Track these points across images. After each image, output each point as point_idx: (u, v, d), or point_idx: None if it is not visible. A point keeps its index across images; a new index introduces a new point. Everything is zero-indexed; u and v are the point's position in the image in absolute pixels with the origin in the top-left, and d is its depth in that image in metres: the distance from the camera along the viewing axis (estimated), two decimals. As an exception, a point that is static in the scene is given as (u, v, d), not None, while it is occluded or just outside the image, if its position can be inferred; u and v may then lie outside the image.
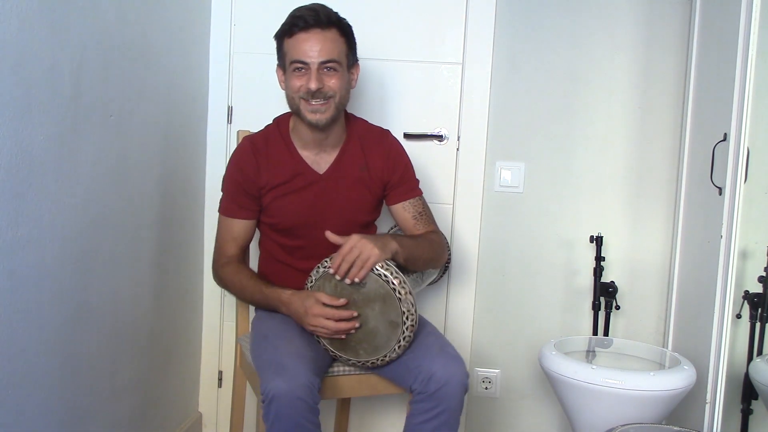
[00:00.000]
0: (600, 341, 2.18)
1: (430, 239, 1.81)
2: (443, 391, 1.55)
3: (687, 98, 2.15)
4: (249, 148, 1.79)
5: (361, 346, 1.63)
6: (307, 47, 1.66)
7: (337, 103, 1.71)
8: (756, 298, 1.90)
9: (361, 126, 1.87)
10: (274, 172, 1.77)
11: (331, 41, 1.68)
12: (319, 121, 1.70)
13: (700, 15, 2.10)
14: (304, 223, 1.79)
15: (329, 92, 1.69)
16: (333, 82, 1.69)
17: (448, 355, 1.61)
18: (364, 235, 1.58)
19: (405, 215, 1.85)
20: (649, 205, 2.27)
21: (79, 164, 1.50)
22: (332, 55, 1.68)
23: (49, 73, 1.37)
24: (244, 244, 1.83)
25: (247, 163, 1.78)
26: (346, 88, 1.74)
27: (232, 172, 1.80)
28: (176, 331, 2.16)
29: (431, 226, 1.87)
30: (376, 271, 1.56)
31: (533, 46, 2.26)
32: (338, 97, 1.71)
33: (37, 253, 1.37)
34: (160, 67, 1.90)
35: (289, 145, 1.80)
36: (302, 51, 1.67)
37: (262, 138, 1.82)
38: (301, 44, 1.67)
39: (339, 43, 1.70)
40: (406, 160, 1.88)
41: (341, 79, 1.71)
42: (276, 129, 1.83)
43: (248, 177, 1.77)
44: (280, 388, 1.46)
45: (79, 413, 1.58)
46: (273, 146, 1.80)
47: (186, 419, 2.29)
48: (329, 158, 1.81)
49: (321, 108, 1.70)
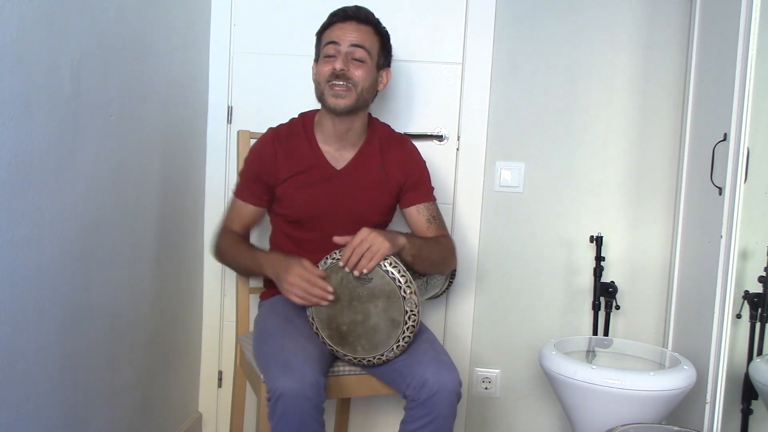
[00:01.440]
0: (600, 341, 2.18)
1: (440, 242, 1.84)
2: (435, 399, 1.55)
3: (687, 98, 2.15)
4: (271, 137, 1.85)
5: (359, 342, 1.63)
6: (341, 32, 1.74)
7: (359, 93, 1.75)
8: (756, 298, 1.90)
9: (383, 130, 1.92)
10: (292, 161, 1.82)
11: (365, 32, 1.75)
12: (337, 105, 1.74)
13: (700, 15, 2.10)
14: (316, 215, 1.82)
15: (353, 79, 1.74)
16: (359, 72, 1.74)
17: (442, 362, 1.60)
18: (374, 229, 1.60)
19: (419, 218, 1.87)
20: (649, 205, 2.27)
21: (79, 164, 1.50)
22: (363, 41, 1.74)
23: (49, 73, 1.37)
24: (248, 225, 1.90)
25: (266, 151, 1.83)
26: (371, 83, 1.79)
27: (252, 159, 1.86)
28: (176, 331, 2.16)
29: (443, 231, 1.90)
30: (384, 268, 1.57)
31: (533, 47, 2.27)
32: (360, 88, 1.75)
33: (37, 253, 1.37)
34: (160, 67, 1.90)
35: (311, 138, 1.84)
36: (335, 34, 1.74)
37: (285, 129, 1.87)
38: (335, 30, 1.75)
39: (372, 37, 1.77)
40: (423, 165, 1.92)
41: (368, 72, 1.76)
42: (300, 121, 1.88)
43: (265, 165, 1.82)
44: (287, 386, 1.46)
45: (79, 413, 1.58)
46: (295, 137, 1.84)
47: (186, 419, 2.29)
48: (348, 155, 1.84)
49: (342, 92, 1.73)
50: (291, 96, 2.23)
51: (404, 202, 1.89)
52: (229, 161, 2.29)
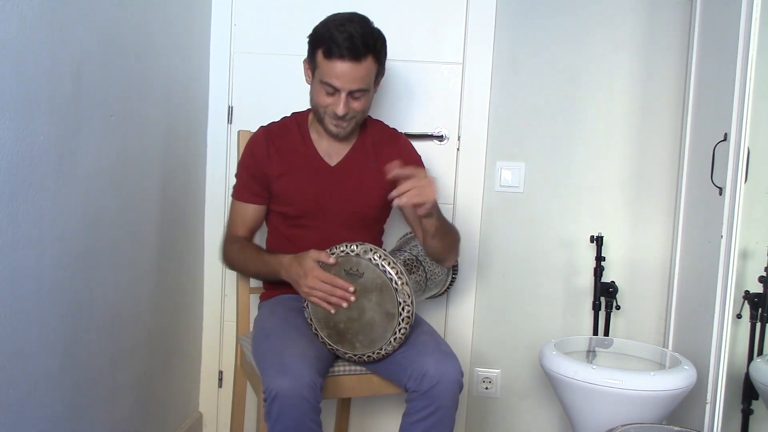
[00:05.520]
0: (600, 341, 2.18)
1: (454, 228, 1.88)
2: (437, 389, 1.55)
3: (687, 98, 2.15)
4: (263, 134, 1.86)
5: (357, 339, 1.63)
6: (341, 75, 1.69)
7: (359, 119, 1.80)
8: (756, 298, 1.90)
9: (375, 126, 1.93)
10: (285, 158, 1.82)
11: (365, 70, 1.71)
12: (339, 134, 1.79)
13: (701, 15, 2.10)
14: (311, 211, 1.82)
15: (354, 114, 1.76)
16: (358, 104, 1.75)
17: (442, 352, 1.62)
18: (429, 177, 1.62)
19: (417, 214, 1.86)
20: (650, 205, 2.27)
21: (79, 164, 1.50)
22: (363, 85, 1.72)
23: (49, 73, 1.37)
24: (253, 227, 1.88)
25: (258, 149, 1.84)
26: (369, 103, 1.80)
27: (245, 157, 1.87)
28: (176, 330, 2.16)
29: None
30: (374, 261, 1.57)
31: (533, 46, 2.26)
32: (361, 116, 1.79)
33: (37, 252, 1.37)
34: (160, 67, 1.90)
35: (305, 135, 1.85)
36: (335, 76, 1.69)
37: (278, 126, 1.88)
38: (334, 70, 1.69)
39: (371, 70, 1.73)
40: (418, 160, 1.92)
41: (367, 100, 1.78)
42: (293, 119, 1.89)
43: (258, 163, 1.83)
44: (283, 386, 1.46)
45: (79, 413, 1.58)
46: (288, 134, 1.85)
47: (186, 419, 2.29)
48: (342, 152, 1.86)
49: (343, 124, 1.76)
50: (291, 96, 2.22)
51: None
52: (229, 161, 2.29)
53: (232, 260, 1.85)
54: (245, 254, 1.81)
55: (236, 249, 1.83)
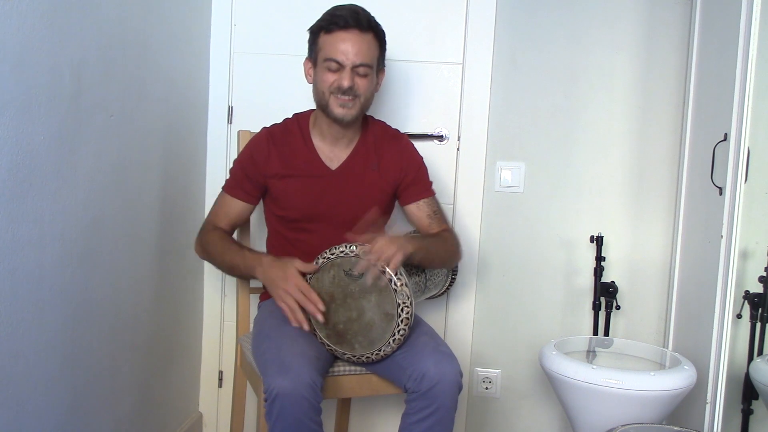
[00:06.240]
0: (600, 341, 2.18)
1: (444, 237, 1.86)
2: (436, 390, 1.56)
3: (687, 98, 2.15)
4: (265, 136, 1.86)
5: (356, 340, 1.63)
6: (345, 47, 1.71)
7: (362, 103, 1.78)
8: (756, 298, 1.90)
9: (377, 127, 1.93)
10: (286, 160, 1.82)
11: (368, 45, 1.73)
12: (345, 116, 1.76)
13: (701, 15, 2.10)
14: (311, 215, 1.83)
15: (358, 91, 1.75)
16: (363, 84, 1.75)
17: (441, 353, 1.62)
18: (385, 236, 1.60)
19: (419, 215, 1.88)
20: (650, 205, 2.27)
21: (79, 164, 1.50)
22: (366, 59, 1.73)
23: (49, 73, 1.37)
24: (235, 223, 1.88)
25: (259, 151, 1.84)
26: (371, 91, 1.80)
27: (244, 156, 1.87)
28: (176, 330, 2.16)
29: (445, 226, 1.91)
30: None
31: (533, 46, 2.26)
32: (364, 98, 1.78)
33: (37, 253, 1.37)
34: (160, 67, 1.90)
35: (306, 138, 1.85)
36: (339, 50, 1.71)
37: (280, 128, 1.88)
38: (339, 43, 1.71)
39: (374, 47, 1.75)
40: (420, 161, 1.92)
41: (370, 82, 1.78)
42: (295, 121, 1.89)
43: (257, 164, 1.83)
44: (283, 386, 1.47)
45: (80, 413, 1.58)
46: (290, 136, 1.85)
47: (186, 419, 2.29)
48: (343, 155, 1.85)
49: (349, 103, 1.75)
50: (291, 96, 2.22)
51: (403, 200, 1.89)
52: (229, 161, 2.29)
53: (209, 248, 1.83)
54: (224, 245, 1.80)
55: (216, 238, 1.81)
